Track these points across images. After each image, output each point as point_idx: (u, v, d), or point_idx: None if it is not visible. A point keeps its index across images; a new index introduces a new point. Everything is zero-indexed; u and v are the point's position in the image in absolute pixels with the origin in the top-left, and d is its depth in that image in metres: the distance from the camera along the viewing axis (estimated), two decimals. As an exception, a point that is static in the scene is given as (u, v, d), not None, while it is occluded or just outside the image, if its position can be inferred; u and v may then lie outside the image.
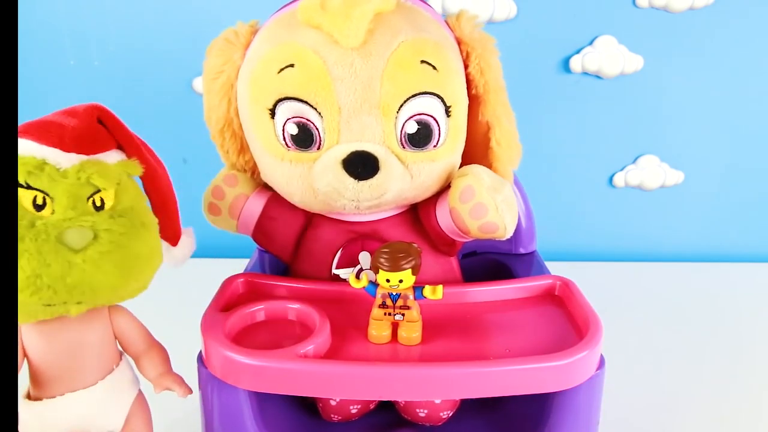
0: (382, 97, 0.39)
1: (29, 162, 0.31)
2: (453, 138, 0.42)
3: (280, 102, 0.39)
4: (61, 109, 0.35)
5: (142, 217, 0.35)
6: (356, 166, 0.39)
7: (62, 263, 0.30)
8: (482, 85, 0.43)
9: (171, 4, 0.78)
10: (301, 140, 0.40)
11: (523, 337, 0.39)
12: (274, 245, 0.47)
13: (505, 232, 0.41)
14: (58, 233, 0.31)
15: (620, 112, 0.84)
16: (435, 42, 0.41)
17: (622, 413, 0.50)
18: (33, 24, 0.78)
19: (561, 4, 0.79)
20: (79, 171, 0.32)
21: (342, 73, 0.38)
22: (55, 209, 0.31)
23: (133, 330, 0.37)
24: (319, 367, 0.35)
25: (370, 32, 0.38)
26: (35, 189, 0.31)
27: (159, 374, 0.37)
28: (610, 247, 0.91)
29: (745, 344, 0.64)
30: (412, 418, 0.43)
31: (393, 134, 0.40)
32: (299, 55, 0.39)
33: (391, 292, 0.37)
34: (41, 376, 0.34)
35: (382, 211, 0.44)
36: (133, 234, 0.33)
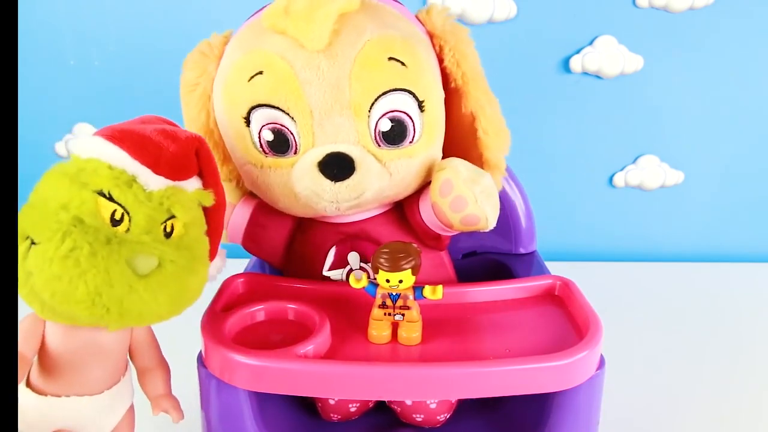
0: (353, 97, 0.39)
1: (119, 175, 0.31)
2: (429, 133, 0.42)
3: (254, 109, 0.40)
4: (163, 120, 0.35)
5: (202, 251, 0.35)
6: (332, 167, 0.39)
7: (124, 287, 0.30)
8: (460, 76, 0.43)
9: (171, 4, 0.78)
10: (278, 146, 0.40)
11: (523, 337, 0.39)
12: (264, 251, 0.47)
13: (487, 224, 0.41)
14: (129, 256, 0.30)
15: (620, 112, 0.84)
16: (402, 38, 0.40)
17: (622, 413, 0.50)
18: (33, 24, 0.78)
19: (561, 4, 0.79)
20: (163, 197, 0.32)
21: (310, 77, 0.39)
22: (131, 229, 0.31)
23: (148, 344, 0.37)
24: (318, 367, 0.35)
25: (335, 33, 0.38)
26: (117, 203, 0.31)
27: (160, 395, 0.37)
28: (610, 247, 0.91)
29: (745, 344, 0.64)
30: (409, 422, 0.43)
31: (367, 133, 0.40)
32: (267, 61, 0.39)
33: (391, 293, 0.37)
34: (54, 371, 0.33)
35: (364, 210, 0.44)
36: (192, 269, 0.33)
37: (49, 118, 0.82)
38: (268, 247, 0.47)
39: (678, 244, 0.91)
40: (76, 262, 0.29)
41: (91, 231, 0.30)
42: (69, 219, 0.30)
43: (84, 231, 0.30)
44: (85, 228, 0.30)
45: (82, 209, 0.30)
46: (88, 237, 0.29)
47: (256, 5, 0.45)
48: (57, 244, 0.29)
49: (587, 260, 0.88)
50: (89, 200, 0.30)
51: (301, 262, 0.46)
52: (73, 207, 0.30)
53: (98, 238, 0.30)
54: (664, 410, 0.52)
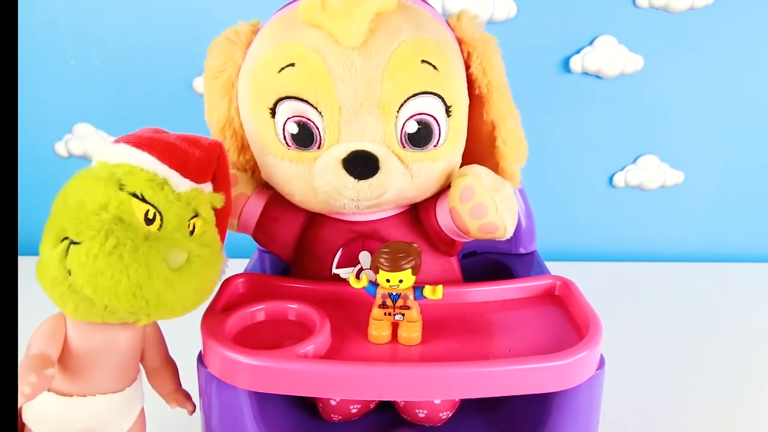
0: (383, 97, 0.39)
1: (153, 178, 0.33)
2: (453, 138, 0.42)
3: (281, 101, 0.39)
4: (179, 132, 0.37)
5: (218, 247, 0.37)
6: (356, 165, 0.39)
7: (161, 280, 0.32)
8: (485, 84, 0.43)
9: (171, 4, 0.78)
10: (302, 139, 0.40)
11: (523, 337, 0.39)
12: (275, 244, 0.47)
13: (505, 233, 0.41)
14: (164, 251, 0.33)
15: (620, 112, 0.84)
16: (436, 42, 0.41)
17: (622, 413, 0.50)
18: (33, 24, 0.78)
19: (561, 4, 0.79)
20: (189, 197, 0.35)
21: (342, 73, 0.38)
22: (164, 227, 0.34)
23: (157, 342, 0.38)
24: (319, 367, 0.35)
25: (370, 32, 0.38)
26: (150, 204, 0.33)
27: (172, 390, 0.39)
28: (610, 247, 0.91)
29: (745, 344, 0.64)
30: (411, 418, 0.43)
31: (393, 134, 0.40)
32: (300, 54, 0.39)
33: (391, 292, 0.37)
34: (75, 371, 0.35)
35: (382, 210, 0.44)
36: (213, 263, 0.36)
37: (49, 118, 0.82)
38: (278, 240, 0.47)
39: (678, 244, 0.91)
40: (120, 257, 0.31)
41: (131, 229, 0.32)
42: (110, 218, 0.32)
43: (125, 229, 0.32)
44: (126, 226, 0.32)
45: (121, 209, 0.32)
46: (130, 234, 0.32)
47: (256, 5, 0.45)
48: (101, 242, 0.31)
49: (587, 260, 0.88)
50: (126, 201, 0.32)
51: (311, 257, 0.45)
52: (113, 207, 0.32)
53: (138, 235, 0.32)
54: (664, 410, 0.52)
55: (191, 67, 0.80)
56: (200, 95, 0.81)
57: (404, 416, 0.44)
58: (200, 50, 0.85)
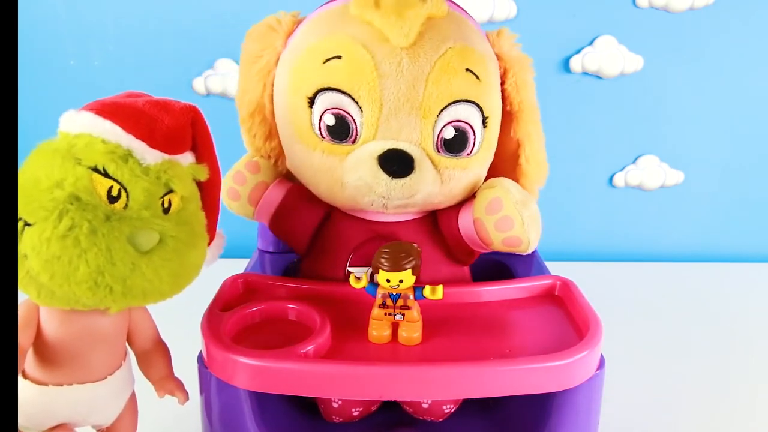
0: (425, 99, 0.39)
1: (114, 150, 0.30)
2: (485, 149, 0.43)
3: (321, 92, 0.40)
4: (149, 96, 0.34)
5: (200, 226, 0.34)
6: (392, 163, 0.39)
7: (127, 264, 0.29)
8: (517, 102, 0.44)
9: (171, 4, 0.78)
10: (337, 132, 0.40)
11: (523, 337, 0.39)
12: (291, 236, 0.47)
13: (528, 248, 0.41)
14: (130, 232, 0.29)
15: (620, 112, 0.84)
16: (480, 53, 0.41)
17: (622, 413, 0.50)
18: (33, 24, 0.78)
19: (561, 4, 0.79)
20: (160, 170, 0.31)
21: (389, 71, 0.39)
22: (130, 205, 0.30)
23: (146, 325, 0.36)
24: (319, 367, 0.35)
25: (420, 35, 0.39)
26: (113, 179, 0.30)
27: (163, 377, 0.36)
28: (610, 247, 0.91)
29: (745, 344, 0.64)
30: (414, 410, 0.43)
31: (430, 137, 0.40)
32: (348, 47, 0.39)
33: (391, 292, 0.37)
34: (53, 360, 0.32)
35: (406, 213, 0.44)
36: (192, 243, 0.33)
37: (49, 118, 0.81)
38: (295, 233, 0.46)
39: (678, 244, 0.91)
40: (75, 240, 0.28)
41: (89, 208, 0.29)
42: (65, 197, 0.28)
43: (82, 208, 0.28)
44: (83, 205, 0.29)
45: (78, 186, 0.29)
46: (87, 214, 0.28)
47: (256, 5, 0.45)
48: (54, 223, 0.28)
49: (587, 260, 0.88)
50: (84, 177, 0.29)
51: (326, 253, 0.45)
52: (68, 184, 0.29)
53: (97, 216, 0.29)
54: (664, 410, 0.52)
55: (191, 67, 0.80)
56: (200, 95, 0.81)
57: (407, 408, 0.44)
58: (200, 50, 0.85)
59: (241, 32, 0.51)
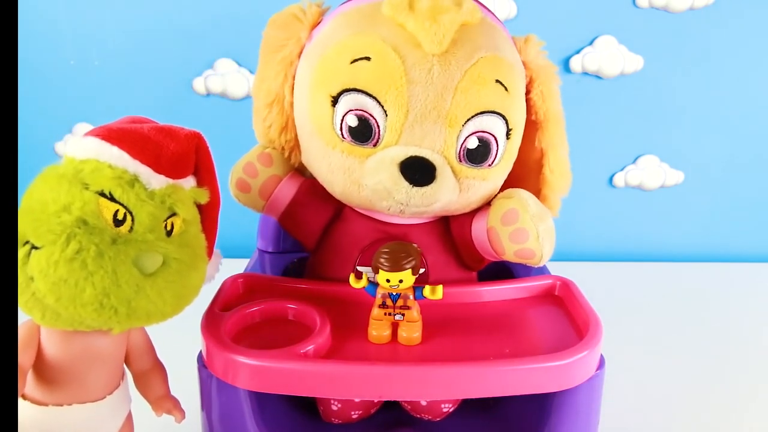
0: (452, 108, 0.38)
1: (122, 175, 0.31)
2: (506, 160, 0.42)
3: (346, 92, 0.39)
4: (153, 122, 0.34)
5: (201, 248, 0.35)
6: (414, 171, 0.39)
7: (132, 287, 0.30)
8: (542, 112, 0.44)
9: (171, 4, 0.78)
10: (359, 134, 0.39)
11: (523, 337, 0.39)
12: (301, 232, 0.46)
13: (541, 261, 0.41)
14: (135, 255, 0.30)
15: (620, 112, 0.84)
16: (510, 63, 0.41)
17: (622, 413, 0.50)
18: (33, 24, 0.78)
19: (561, 4, 0.79)
20: (164, 195, 0.32)
21: (418, 77, 0.38)
22: (135, 229, 0.31)
23: (144, 346, 0.37)
24: (319, 367, 0.35)
25: (452, 42, 0.38)
26: (120, 203, 0.30)
27: (160, 396, 0.37)
28: (610, 247, 0.91)
29: (745, 344, 0.64)
30: (413, 407, 0.43)
31: (453, 146, 0.40)
32: (378, 49, 0.38)
33: (391, 292, 0.37)
34: (53, 380, 0.33)
35: (421, 218, 0.43)
36: (194, 265, 0.34)
37: (49, 118, 0.82)
38: (305, 228, 0.46)
39: (678, 244, 0.91)
40: (83, 264, 0.29)
41: (96, 232, 0.29)
42: (72, 221, 0.29)
43: (89, 232, 0.29)
44: (90, 229, 0.29)
45: (85, 210, 0.29)
46: (94, 238, 0.29)
47: (256, 5, 0.45)
48: (62, 247, 0.28)
49: (587, 260, 0.88)
50: (91, 201, 0.30)
51: (335, 251, 0.45)
52: (76, 209, 0.29)
53: (104, 239, 0.29)
54: (664, 410, 0.52)
55: (191, 67, 0.80)
56: (200, 95, 0.81)
57: (406, 406, 0.44)
58: (200, 50, 0.85)
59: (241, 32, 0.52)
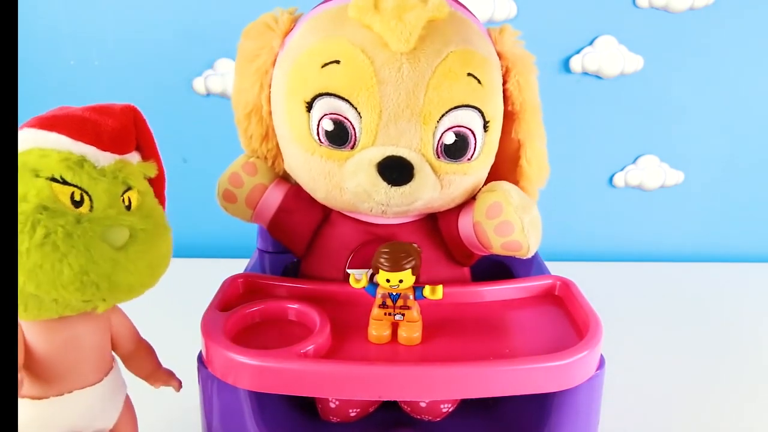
0: (425, 105, 0.38)
1: (68, 157, 0.31)
2: (486, 153, 0.42)
3: (320, 97, 0.39)
4: (86, 105, 0.34)
5: (162, 217, 0.35)
6: (392, 171, 0.39)
7: (108, 261, 0.30)
8: (519, 102, 0.43)
9: (170, 3, 0.78)
10: (335, 137, 0.40)
11: (523, 337, 0.39)
12: (289, 238, 0.46)
13: (528, 252, 0.41)
14: (102, 231, 0.30)
15: (620, 112, 0.84)
16: (482, 56, 0.40)
17: (622, 413, 0.50)
18: (33, 24, 0.78)
19: (561, 4, 0.79)
20: (115, 170, 0.32)
21: (388, 77, 0.38)
22: (95, 207, 0.31)
23: (126, 328, 0.37)
24: (319, 367, 0.35)
25: (420, 39, 0.38)
26: (73, 185, 0.30)
27: (152, 371, 0.37)
28: (610, 247, 0.91)
29: (745, 344, 0.64)
30: (412, 409, 0.43)
31: (430, 143, 0.40)
32: (346, 52, 0.38)
33: (391, 292, 0.37)
34: (45, 373, 0.33)
35: (406, 216, 0.44)
36: (159, 234, 0.34)
37: (49, 118, 0.82)
38: (293, 234, 0.46)
39: (678, 244, 0.91)
40: (54, 246, 0.29)
41: (59, 214, 0.29)
42: (32, 208, 0.29)
43: (52, 216, 0.29)
44: (52, 213, 0.29)
45: (42, 197, 0.29)
46: (59, 220, 0.29)
47: (256, 5, 0.45)
48: (30, 234, 0.28)
49: (587, 260, 0.88)
50: (45, 187, 0.30)
51: (325, 255, 0.45)
52: (32, 196, 0.29)
53: (68, 220, 0.29)
54: (664, 410, 0.52)
55: (191, 68, 0.80)
56: (200, 95, 0.81)
57: (405, 407, 0.44)
58: (200, 50, 0.85)
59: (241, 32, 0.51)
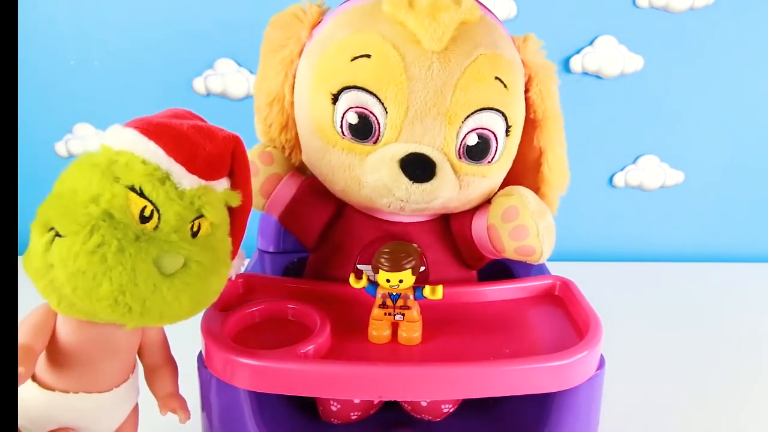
0: (452, 105, 0.39)
1: (153, 172, 0.30)
2: (506, 157, 0.43)
3: (346, 90, 0.39)
4: (194, 117, 0.34)
5: (226, 252, 0.34)
6: (415, 167, 0.39)
7: (149, 286, 0.29)
8: (541, 111, 0.44)
9: (170, 3, 0.78)
10: (359, 131, 0.40)
11: (523, 337, 0.39)
12: (301, 230, 0.46)
13: (541, 258, 0.41)
14: (156, 255, 0.30)
15: (620, 112, 0.84)
16: (509, 61, 0.41)
17: (622, 413, 0.50)
18: (33, 24, 0.78)
19: (561, 4, 0.79)
20: (195, 196, 0.31)
21: (418, 74, 0.38)
22: (161, 227, 0.30)
23: (158, 342, 0.37)
24: (319, 367, 0.35)
25: (452, 39, 0.38)
26: (148, 200, 0.30)
27: (168, 394, 0.36)
28: (610, 248, 0.91)
29: (745, 344, 0.64)
30: (413, 408, 0.43)
31: (453, 143, 0.40)
32: (378, 46, 0.38)
33: (391, 292, 0.37)
34: (63, 366, 0.33)
35: (421, 215, 0.44)
36: (215, 270, 0.33)
37: (49, 118, 0.82)
38: (305, 226, 0.46)
39: (678, 244, 0.91)
40: (102, 258, 0.28)
41: (120, 227, 0.29)
42: (98, 213, 0.29)
43: (113, 226, 0.29)
44: (115, 223, 0.29)
45: (113, 203, 0.29)
46: (117, 233, 0.29)
47: (256, 5, 0.45)
48: (84, 238, 0.28)
49: (587, 260, 0.88)
50: (120, 195, 0.29)
51: (336, 249, 0.45)
52: (104, 201, 0.29)
53: (127, 235, 0.29)
54: (664, 410, 0.52)
55: (191, 67, 0.80)
56: (200, 95, 0.81)
57: (406, 407, 0.44)
58: (200, 50, 0.85)
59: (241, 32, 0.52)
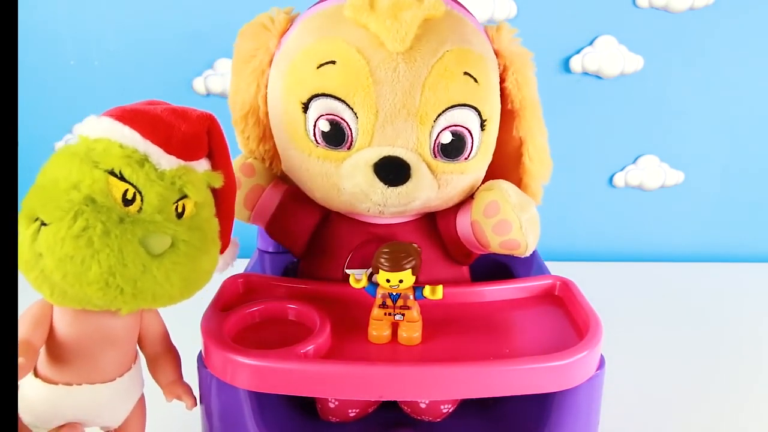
0: (421, 105, 0.38)
1: (131, 154, 0.31)
2: (484, 152, 0.42)
3: (316, 97, 0.39)
4: (168, 104, 0.34)
5: (213, 232, 0.35)
6: (388, 171, 0.39)
7: (138, 266, 0.30)
8: (519, 100, 0.43)
9: (171, 3, 0.78)
10: (332, 138, 0.39)
11: (523, 337, 0.39)
12: (288, 239, 0.46)
13: (526, 251, 0.41)
14: (142, 235, 0.30)
15: (620, 112, 0.84)
16: (478, 54, 0.40)
17: (622, 413, 0.50)
18: (33, 24, 0.78)
19: (561, 4, 0.79)
20: (175, 176, 0.32)
21: (384, 77, 0.38)
22: (144, 209, 0.31)
23: (158, 330, 0.37)
24: (319, 367, 0.35)
25: (416, 38, 0.38)
26: (129, 183, 0.30)
27: (172, 381, 0.37)
28: (610, 247, 0.91)
29: (746, 344, 0.64)
30: (412, 409, 0.43)
31: (427, 143, 0.39)
32: (342, 52, 0.38)
33: (391, 292, 0.37)
34: (64, 359, 0.33)
35: (404, 216, 0.44)
36: (204, 249, 0.33)
37: (49, 118, 0.82)
38: (292, 235, 0.46)
39: (678, 244, 0.91)
40: (89, 241, 0.29)
41: (104, 210, 0.29)
42: (81, 198, 0.29)
43: (96, 210, 0.29)
44: (98, 207, 0.29)
45: (94, 188, 0.30)
46: (101, 216, 0.29)
47: (256, 5, 0.45)
48: (69, 224, 0.29)
49: (587, 260, 0.88)
50: (101, 179, 0.30)
51: (324, 255, 0.45)
52: (85, 186, 0.30)
53: (111, 218, 0.29)
54: (664, 410, 0.52)
55: (191, 67, 0.80)
56: (200, 95, 0.81)
57: (405, 408, 0.44)
58: (200, 50, 0.85)
59: (242, 32, 0.51)
